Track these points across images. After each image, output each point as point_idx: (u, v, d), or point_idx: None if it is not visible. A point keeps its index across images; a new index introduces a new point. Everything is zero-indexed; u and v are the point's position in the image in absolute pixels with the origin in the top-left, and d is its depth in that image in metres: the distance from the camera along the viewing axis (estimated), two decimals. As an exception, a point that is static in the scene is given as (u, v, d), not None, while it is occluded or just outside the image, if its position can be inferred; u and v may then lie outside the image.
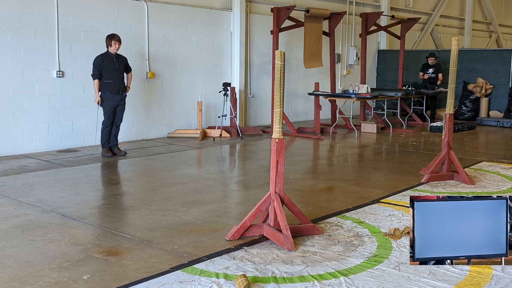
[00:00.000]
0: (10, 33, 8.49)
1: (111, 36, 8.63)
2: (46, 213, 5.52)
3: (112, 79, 8.57)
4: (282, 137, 4.75)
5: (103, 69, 8.49)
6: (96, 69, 8.49)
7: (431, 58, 14.00)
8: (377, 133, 11.84)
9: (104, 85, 8.57)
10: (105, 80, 8.54)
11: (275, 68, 4.67)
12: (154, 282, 3.87)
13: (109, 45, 8.59)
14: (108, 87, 8.57)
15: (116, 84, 8.61)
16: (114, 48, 8.60)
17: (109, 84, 8.56)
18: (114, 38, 8.60)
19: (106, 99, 8.58)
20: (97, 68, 8.49)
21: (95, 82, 8.50)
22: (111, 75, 8.56)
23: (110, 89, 8.57)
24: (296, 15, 11.88)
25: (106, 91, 8.56)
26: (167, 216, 5.51)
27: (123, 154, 8.79)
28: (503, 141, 11.34)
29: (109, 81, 8.56)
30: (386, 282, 3.92)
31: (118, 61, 8.66)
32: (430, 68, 14.02)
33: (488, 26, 22.05)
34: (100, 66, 8.49)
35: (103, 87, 8.58)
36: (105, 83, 8.55)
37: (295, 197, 6.07)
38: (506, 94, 14.06)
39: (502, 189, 6.76)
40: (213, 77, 11.69)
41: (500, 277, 4.01)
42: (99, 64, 8.50)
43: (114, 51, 8.62)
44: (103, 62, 8.51)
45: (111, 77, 8.56)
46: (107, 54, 8.61)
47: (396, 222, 5.34)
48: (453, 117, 7.19)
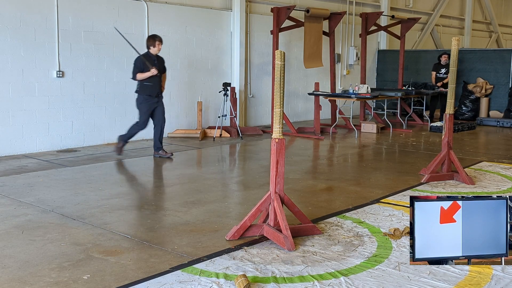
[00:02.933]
0: (10, 33, 8.50)
1: (153, 37, 8.34)
2: (46, 213, 5.52)
3: (152, 82, 8.26)
4: (282, 137, 4.75)
5: (144, 70, 8.18)
6: (137, 69, 8.19)
7: (445, 56, 13.51)
8: (377, 133, 11.84)
9: (143, 87, 8.26)
10: (144, 82, 8.24)
11: (275, 68, 4.67)
12: (154, 282, 3.87)
13: (152, 46, 8.27)
14: (148, 90, 8.27)
15: (156, 87, 8.33)
16: (157, 49, 8.29)
17: (149, 87, 8.26)
18: (157, 39, 8.28)
19: (144, 102, 8.30)
20: (138, 69, 8.18)
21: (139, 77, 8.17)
22: (152, 77, 8.24)
23: (150, 92, 8.29)
24: (296, 15, 11.88)
25: (145, 93, 8.28)
26: (167, 216, 5.51)
27: (169, 156, 8.54)
28: (503, 141, 11.34)
29: (149, 83, 8.25)
30: (386, 282, 3.92)
31: (159, 62, 8.37)
32: (443, 68, 13.59)
33: (488, 26, 22.05)
34: (142, 67, 8.17)
35: (142, 89, 8.27)
36: (144, 85, 8.25)
37: (295, 197, 6.07)
38: (506, 94, 14.06)
39: (502, 189, 6.76)
40: (213, 77, 11.69)
41: (500, 277, 4.01)
42: (141, 65, 8.18)
43: (156, 52, 8.31)
44: (145, 64, 8.18)
45: (151, 79, 8.24)
46: (149, 55, 8.30)
47: (396, 222, 5.34)
48: (453, 117, 7.19)
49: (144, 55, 8.32)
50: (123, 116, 10.08)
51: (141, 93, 8.31)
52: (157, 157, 8.57)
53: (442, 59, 13.61)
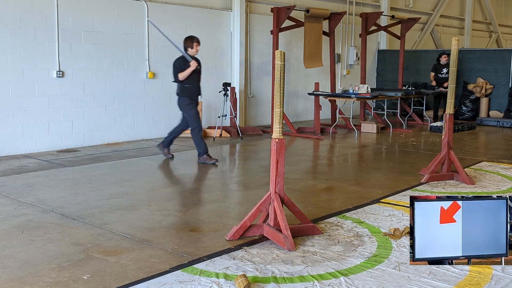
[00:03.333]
0: (10, 33, 8.50)
1: (191, 38, 8.10)
2: (46, 213, 5.52)
3: (192, 84, 8.03)
4: (282, 137, 4.75)
5: (184, 69, 7.94)
6: (177, 70, 7.96)
7: (445, 56, 13.37)
8: (377, 133, 11.84)
9: (184, 89, 8.00)
10: (185, 84, 7.98)
11: (275, 68, 4.68)
12: (154, 282, 3.87)
13: (189, 47, 8.01)
14: (189, 92, 8.03)
15: (196, 89, 8.14)
16: (195, 51, 8.04)
17: (189, 89, 8.03)
18: (194, 40, 8.05)
19: (189, 103, 8.05)
20: (178, 69, 7.95)
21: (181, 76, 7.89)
22: (192, 80, 8.01)
23: (191, 94, 8.06)
24: (296, 15, 11.88)
25: (187, 96, 8.03)
26: (167, 216, 5.51)
27: (170, 157, 8.47)
28: (503, 141, 11.34)
29: (189, 85, 8.00)
30: (386, 282, 3.92)
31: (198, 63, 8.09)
32: (444, 68, 13.40)
33: (488, 26, 22.05)
34: (182, 68, 7.92)
35: (183, 92, 8.01)
36: (185, 87, 8.00)
37: (295, 197, 6.07)
38: (506, 94, 14.06)
39: (502, 189, 6.76)
40: (213, 77, 11.69)
41: (500, 277, 4.01)
42: (181, 66, 7.94)
43: (194, 53, 8.06)
44: (184, 66, 7.93)
45: (191, 82, 8.01)
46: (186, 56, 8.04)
47: (396, 222, 5.34)
48: (453, 117, 7.19)
49: (182, 57, 8.07)
50: (123, 116, 10.09)
51: (183, 95, 8.05)
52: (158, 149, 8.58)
53: (443, 59, 13.49)
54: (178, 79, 7.99)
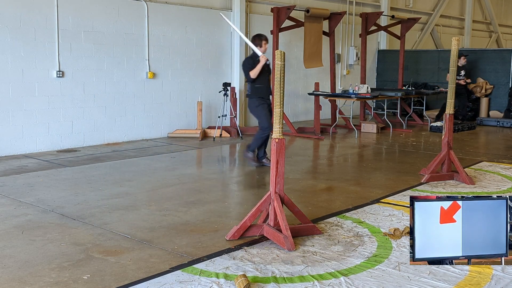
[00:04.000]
0: (10, 33, 8.50)
1: (260, 36, 7.87)
2: (46, 213, 5.52)
3: (263, 83, 7.81)
4: (282, 137, 4.75)
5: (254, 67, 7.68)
6: (248, 70, 7.68)
7: (464, 58, 13.12)
8: (377, 133, 11.84)
9: (254, 90, 7.79)
10: (256, 84, 7.76)
11: (275, 68, 4.68)
12: (154, 282, 3.87)
13: (258, 46, 7.76)
14: (260, 92, 7.81)
15: (267, 89, 7.89)
16: (264, 49, 7.77)
17: (260, 89, 7.81)
18: (263, 38, 7.81)
19: (259, 104, 7.79)
20: (249, 69, 7.68)
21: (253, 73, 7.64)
22: (262, 79, 7.78)
23: (262, 94, 7.83)
24: (296, 15, 11.88)
25: (258, 96, 7.80)
26: (167, 216, 5.51)
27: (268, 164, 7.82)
28: (503, 141, 11.34)
29: (260, 85, 7.80)
30: (386, 282, 3.92)
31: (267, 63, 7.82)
32: (462, 70, 13.16)
33: (488, 26, 22.05)
34: (252, 67, 7.67)
35: (254, 92, 7.79)
36: (255, 88, 7.78)
37: (295, 197, 6.07)
38: (506, 94, 14.06)
39: (502, 189, 6.76)
40: (213, 77, 11.68)
41: (500, 277, 4.01)
42: (251, 65, 7.70)
43: (263, 52, 7.79)
44: (254, 64, 7.68)
45: (262, 81, 7.79)
46: (255, 55, 7.78)
47: (396, 222, 5.34)
48: (453, 117, 7.19)
49: (252, 57, 7.86)
50: (123, 116, 10.09)
51: (253, 96, 7.84)
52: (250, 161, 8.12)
53: (461, 60, 13.09)
54: (250, 77, 7.71)
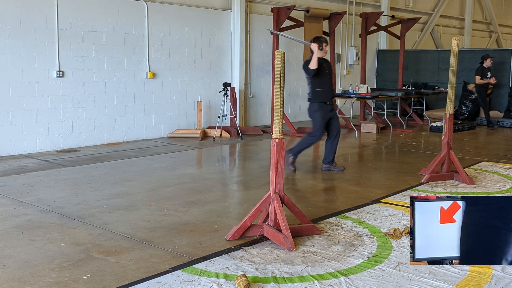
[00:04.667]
0: (10, 33, 8.50)
1: (319, 39, 7.54)
2: (46, 213, 5.52)
3: (323, 87, 7.53)
4: (282, 137, 4.75)
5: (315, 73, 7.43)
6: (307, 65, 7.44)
7: (490, 59, 12.94)
8: (377, 133, 11.84)
9: (315, 94, 7.53)
10: (316, 88, 7.51)
11: (275, 68, 4.68)
12: (154, 282, 3.87)
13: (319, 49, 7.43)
14: (320, 96, 7.52)
15: (328, 93, 7.59)
16: (324, 52, 7.47)
17: (321, 93, 7.52)
18: (323, 40, 7.49)
19: (318, 109, 7.54)
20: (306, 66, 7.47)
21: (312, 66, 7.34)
22: (323, 83, 7.52)
23: (323, 99, 7.54)
24: (296, 15, 11.88)
25: (319, 100, 7.53)
26: (167, 216, 5.51)
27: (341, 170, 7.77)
28: (503, 141, 11.34)
29: (320, 89, 7.51)
30: (386, 282, 3.92)
31: (326, 65, 7.62)
32: (488, 72, 13.02)
33: (488, 26, 22.04)
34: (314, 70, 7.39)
35: (315, 96, 7.53)
36: (316, 92, 7.51)
37: (295, 197, 6.07)
38: (506, 94, 14.05)
39: (502, 189, 6.76)
40: (213, 77, 11.69)
41: (500, 277, 4.01)
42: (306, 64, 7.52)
43: (324, 55, 7.52)
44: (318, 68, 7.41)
45: (322, 85, 7.52)
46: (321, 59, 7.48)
47: (396, 222, 5.34)
48: (453, 117, 7.19)
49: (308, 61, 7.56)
50: (123, 116, 10.09)
51: (314, 100, 7.57)
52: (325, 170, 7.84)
53: (488, 62, 12.95)
54: (310, 70, 7.41)
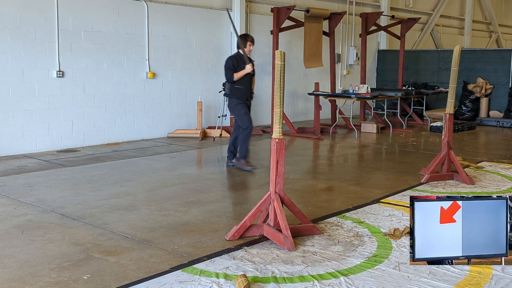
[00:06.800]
0: (10, 33, 8.50)
1: (245, 37, 7.82)
2: (46, 213, 5.52)
3: (243, 85, 7.70)
4: (282, 137, 4.75)
5: (237, 70, 7.60)
6: (230, 70, 7.60)
7: None
8: (377, 133, 11.84)
9: (234, 90, 7.68)
10: (236, 85, 7.66)
11: (275, 68, 4.68)
12: (154, 282, 3.87)
13: (243, 46, 7.68)
14: (238, 94, 7.70)
15: (246, 91, 7.77)
16: (248, 50, 7.70)
17: (239, 91, 7.70)
18: (248, 39, 7.75)
19: (238, 104, 7.68)
20: (231, 69, 7.60)
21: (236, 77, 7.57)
22: (243, 81, 7.68)
23: (240, 96, 7.71)
24: (296, 15, 11.87)
25: (236, 97, 7.70)
26: (167, 216, 5.51)
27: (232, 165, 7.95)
28: (503, 141, 11.34)
29: (240, 86, 7.69)
30: (386, 282, 3.92)
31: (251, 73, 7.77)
32: None
33: (488, 26, 22.04)
34: (234, 68, 7.58)
35: (233, 93, 7.68)
36: (235, 88, 7.67)
37: (295, 197, 6.07)
38: (506, 94, 14.05)
39: (502, 189, 6.76)
40: (213, 77, 11.68)
41: (500, 277, 4.01)
42: (233, 65, 7.61)
43: (248, 53, 7.73)
44: (237, 65, 7.61)
45: (242, 83, 7.68)
46: (239, 55, 7.73)
47: (396, 222, 5.34)
48: (453, 117, 7.19)
49: (234, 56, 7.82)
50: (123, 116, 10.09)
51: (233, 96, 7.74)
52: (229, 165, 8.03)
53: None
54: (232, 79, 7.64)
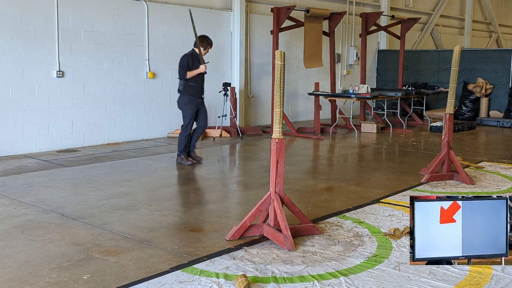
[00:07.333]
0: (10, 33, 8.49)
1: (207, 39, 8.10)
2: (46, 213, 5.52)
3: (197, 83, 7.97)
4: (282, 137, 4.75)
5: (191, 68, 7.88)
6: (184, 68, 7.86)
7: None
8: (377, 133, 11.84)
9: (187, 87, 7.92)
10: (189, 83, 7.91)
11: (275, 68, 4.68)
12: (154, 282, 3.87)
13: (202, 48, 8.02)
14: (192, 91, 7.94)
15: (200, 89, 8.05)
16: (205, 53, 8.08)
17: (193, 88, 7.95)
18: (209, 41, 8.09)
19: (189, 103, 7.95)
20: (185, 67, 7.85)
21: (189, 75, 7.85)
22: (197, 79, 7.96)
23: (193, 93, 7.96)
24: (296, 15, 11.87)
25: (189, 94, 7.95)
26: (167, 216, 5.51)
27: (198, 160, 8.25)
28: (503, 141, 11.34)
29: (193, 84, 7.94)
30: (386, 282, 3.92)
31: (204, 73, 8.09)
32: None
33: (488, 26, 22.04)
34: (189, 66, 7.86)
35: (186, 90, 7.93)
36: (189, 85, 7.92)
37: (295, 197, 6.07)
38: (506, 94, 14.06)
39: (502, 189, 6.76)
40: (213, 77, 11.68)
41: (500, 277, 4.01)
42: (188, 64, 7.87)
43: (203, 54, 8.04)
44: (192, 64, 7.89)
45: (196, 81, 7.95)
46: (195, 54, 8.00)
47: (396, 222, 5.34)
48: (453, 117, 7.19)
49: (190, 54, 8.04)
50: (123, 116, 10.09)
51: (185, 93, 7.97)
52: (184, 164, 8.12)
53: None
54: (185, 77, 7.89)
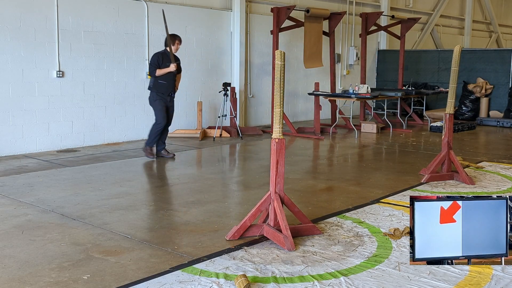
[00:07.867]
0: (10, 33, 8.49)
1: (174, 36, 8.38)
2: (46, 213, 5.52)
3: (166, 80, 8.28)
4: (282, 137, 4.75)
5: (161, 67, 8.21)
6: (154, 65, 8.20)
7: None
8: (377, 133, 11.84)
9: (157, 84, 8.26)
10: (159, 80, 8.25)
11: (275, 68, 4.68)
12: (154, 282, 3.87)
13: (171, 45, 8.29)
14: (161, 88, 8.28)
15: (169, 86, 8.35)
16: (175, 49, 8.33)
17: (163, 85, 8.28)
18: (177, 38, 8.37)
19: (158, 99, 8.28)
20: (155, 65, 8.20)
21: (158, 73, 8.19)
22: (167, 76, 8.27)
23: (163, 90, 8.29)
24: (296, 15, 11.88)
25: (159, 91, 8.29)
26: (167, 216, 5.51)
27: (171, 156, 8.56)
28: (503, 141, 11.34)
29: (163, 82, 8.27)
30: (386, 282, 3.92)
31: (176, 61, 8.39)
32: None
33: (488, 26, 22.04)
34: (159, 64, 8.20)
35: (155, 87, 8.26)
36: (158, 83, 8.26)
37: (295, 197, 6.07)
38: (506, 94, 14.06)
39: (502, 189, 6.76)
40: (213, 77, 11.69)
41: (500, 277, 4.01)
42: (158, 62, 8.21)
43: (174, 52, 8.34)
44: (162, 62, 8.22)
45: (166, 78, 8.27)
46: (166, 52, 8.33)
47: (396, 222, 5.34)
48: (453, 117, 7.19)
49: (161, 52, 8.37)
50: (123, 116, 10.09)
51: (154, 90, 8.29)
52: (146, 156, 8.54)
53: None
54: (154, 74, 8.25)
